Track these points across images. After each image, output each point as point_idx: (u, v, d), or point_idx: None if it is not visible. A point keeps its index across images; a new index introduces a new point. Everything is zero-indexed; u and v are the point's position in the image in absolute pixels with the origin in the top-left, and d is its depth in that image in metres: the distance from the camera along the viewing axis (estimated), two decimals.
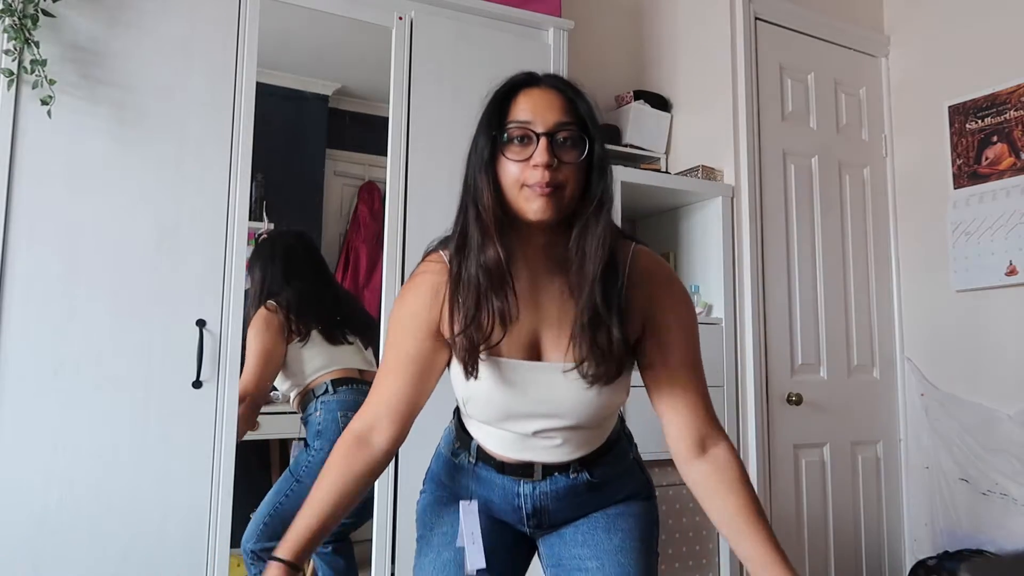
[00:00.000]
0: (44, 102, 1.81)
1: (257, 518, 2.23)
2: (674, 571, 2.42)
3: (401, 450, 1.28)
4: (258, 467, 2.42)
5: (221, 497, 1.96)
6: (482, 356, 1.12)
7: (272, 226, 2.50)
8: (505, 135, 1.06)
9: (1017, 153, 2.67)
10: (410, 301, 1.17)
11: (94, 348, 1.87)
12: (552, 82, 1.11)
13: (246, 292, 2.32)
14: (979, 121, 2.77)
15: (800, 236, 2.82)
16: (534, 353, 1.16)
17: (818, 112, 2.94)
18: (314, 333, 2.34)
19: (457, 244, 1.10)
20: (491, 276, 1.07)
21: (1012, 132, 2.68)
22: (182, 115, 2.02)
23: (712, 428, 1.18)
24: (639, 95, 2.93)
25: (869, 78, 3.09)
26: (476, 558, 1.21)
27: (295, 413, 2.31)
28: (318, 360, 2.32)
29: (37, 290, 1.84)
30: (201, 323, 1.98)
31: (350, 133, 2.68)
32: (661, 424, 1.20)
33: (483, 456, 1.27)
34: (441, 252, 1.18)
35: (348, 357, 2.35)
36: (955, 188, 2.82)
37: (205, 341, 1.97)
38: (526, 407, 1.16)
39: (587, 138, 1.07)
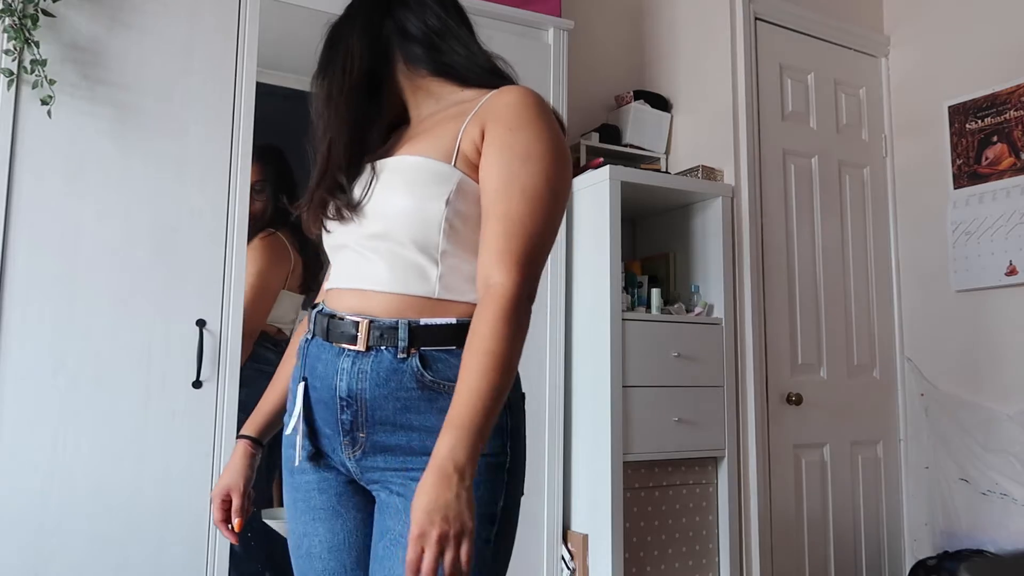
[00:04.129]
0: (44, 102, 1.81)
1: None
2: (674, 571, 2.42)
3: None
4: (258, 467, 2.42)
5: None
6: None
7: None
8: None
9: (1017, 153, 2.67)
10: None
11: (94, 348, 1.88)
12: None
13: None
14: (979, 121, 2.77)
15: (800, 236, 2.82)
16: None
17: (818, 112, 2.94)
18: None
19: None
20: None
21: (1012, 132, 2.68)
22: (182, 115, 2.02)
23: (495, 269, 1.02)
24: (639, 95, 2.93)
25: (869, 78, 3.09)
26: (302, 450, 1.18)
27: None
28: None
29: (37, 290, 1.84)
30: (201, 323, 1.98)
31: None
32: None
33: (318, 324, 1.15)
34: None
35: None
36: (955, 188, 2.82)
37: (205, 341, 1.98)
38: None
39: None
